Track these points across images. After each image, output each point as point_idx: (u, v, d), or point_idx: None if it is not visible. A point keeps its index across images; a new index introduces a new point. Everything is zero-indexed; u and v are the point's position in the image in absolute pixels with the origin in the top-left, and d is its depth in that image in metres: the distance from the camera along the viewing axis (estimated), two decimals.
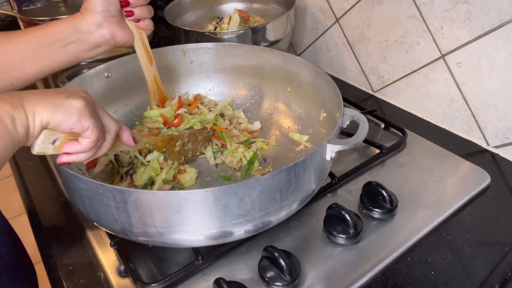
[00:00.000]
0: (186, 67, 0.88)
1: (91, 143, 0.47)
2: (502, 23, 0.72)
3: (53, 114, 0.42)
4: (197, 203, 0.48)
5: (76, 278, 0.60)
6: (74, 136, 0.46)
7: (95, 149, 0.49)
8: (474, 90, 0.81)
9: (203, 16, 1.22)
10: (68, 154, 0.47)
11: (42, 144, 0.44)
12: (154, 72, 0.76)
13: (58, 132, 0.45)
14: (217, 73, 0.89)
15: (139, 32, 0.69)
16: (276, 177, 0.49)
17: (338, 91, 0.65)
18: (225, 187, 0.47)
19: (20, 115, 0.40)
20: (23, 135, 0.41)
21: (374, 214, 0.65)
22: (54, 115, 0.42)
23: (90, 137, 0.46)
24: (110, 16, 0.62)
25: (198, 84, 0.90)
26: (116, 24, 0.64)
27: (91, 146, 0.47)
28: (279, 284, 0.54)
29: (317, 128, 0.76)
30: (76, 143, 0.47)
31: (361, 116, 0.61)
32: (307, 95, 0.79)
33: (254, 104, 0.88)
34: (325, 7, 1.07)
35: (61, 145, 0.46)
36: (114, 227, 0.53)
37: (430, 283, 0.56)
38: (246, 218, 0.51)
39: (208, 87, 0.90)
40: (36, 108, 0.41)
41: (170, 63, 0.86)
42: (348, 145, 0.55)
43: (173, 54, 0.85)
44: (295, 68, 0.80)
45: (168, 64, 0.86)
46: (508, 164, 0.77)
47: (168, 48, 0.84)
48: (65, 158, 0.48)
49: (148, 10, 0.67)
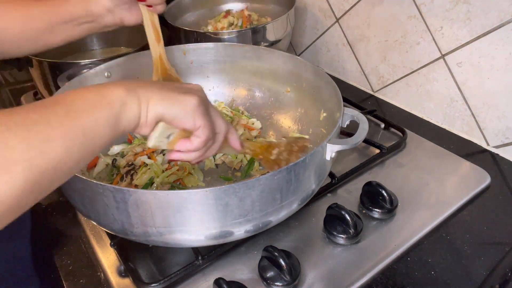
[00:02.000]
0: (186, 67, 0.87)
1: (202, 143, 0.47)
2: (502, 23, 0.72)
3: (168, 108, 0.43)
4: (197, 203, 0.48)
5: (76, 278, 0.60)
6: (186, 134, 0.47)
7: (205, 149, 0.49)
8: (474, 90, 0.81)
9: (203, 16, 1.22)
10: (178, 152, 0.48)
11: (159, 137, 0.45)
12: (160, 50, 0.74)
13: (174, 128, 0.45)
14: (217, 73, 0.89)
15: (150, 14, 0.69)
16: (276, 177, 0.49)
17: (338, 91, 0.65)
18: (225, 187, 0.47)
19: (132, 100, 0.40)
20: (132, 121, 0.41)
21: (374, 214, 0.65)
22: (169, 109, 0.43)
23: (201, 137, 0.46)
24: (121, 4, 0.64)
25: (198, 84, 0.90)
26: (126, 9, 0.65)
27: (201, 145, 0.47)
28: (279, 284, 0.54)
29: (317, 128, 0.76)
30: (188, 141, 0.47)
31: (361, 116, 0.61)
32: (307, 95, 0.79)
33: (254, 104, 0.88)
34: (325, 7, 1.07)
35: (174, 141, 0.47)
36: (114, 227, 0.53)
37: (430, 283, 0.56)
38: (246, 218, 0.51)
39: (208, 87, 0.90)
40: (151, 99, 0.42)
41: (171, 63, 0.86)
42: (348, 145, 0.55)
43: (173, 54, 0.85)
44: (295, 68, 0.80)
45: None
46: (508, 164, 0.77)
47: (168, 48, 0.84)
48: (176, 155, 0.48)
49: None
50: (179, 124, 0.44)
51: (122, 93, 0.40)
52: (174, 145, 0.47)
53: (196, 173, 0.73)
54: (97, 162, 0.72)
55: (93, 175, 0.71)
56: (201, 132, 0.46)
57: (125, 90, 0.40)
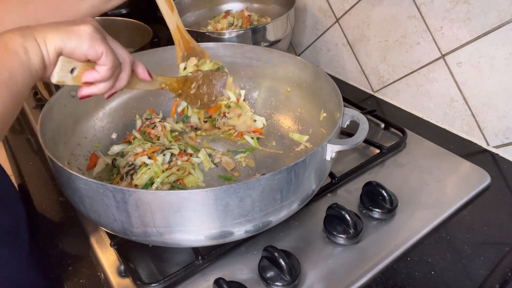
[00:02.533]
0: None
1: (109, 70, 0.46)
2: (502, 23, 0.72)
3: (64, 40, 0.42)
4: (197, 203, 0.48)
5: (76, 278, 0.60)
6: (90, 66, 0.46)
7: (113, 78, 0.48)
8: (474, 90, 0.81)
9: (203, 16, 1.23)
10: (88, 85, 0.47)
11: (61, 72, 0.43)
12: (176, 20, 0.73)
13: (75, 61, 0.44)
14: None
15: None
16: (276, 177, 0.49)
17: (338, 91, 0.65)
18: (226, 187, 0.47)
19: (31, 44, 0.40)
20: (39, 65, 0.41)
21: (374, 214, 0.65)
22: (66, 41, 0.42)
23: (106, 63, 0.46)
24: None
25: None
26: None
27: (109, 74, 0.47)
28: (279, 284, 0.54)
29: (317, 128, 0.76)
30: (94, 71, 0.46)
31: (361, 116, 0.61)
32: (307, 95, 0.79)
33: (254, 104, 0.88)
34: (325, 7, 1.07)
35: (80, 75, 0.45)
36: (114, 227, 0.53)
37: (430, 283, 0.56)
38: (246, 218, 0.51)
39: None
40: (46, 35, 0.41)
41: (170, 63, 0.85)
42: (348, 145, 0.55)
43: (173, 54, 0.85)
44: (295, 68, 0.80)
45: (168, 64, 0.85)
46: (508, 164, 0.77)
47: (166, 48, 0.84)
48: (86, 90, 0.47)
49: None
50: (80, 54, 0.43)
51: (20, 39, 0.40)
52: (80, 79, 0.46)
53: (196, 173, 0.73)
54: (97, 162, 0.72)
55: (93, 175, 0.71)
56: (104, 59, 0.45)
57: (21, 36, 0.40)
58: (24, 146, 0.89)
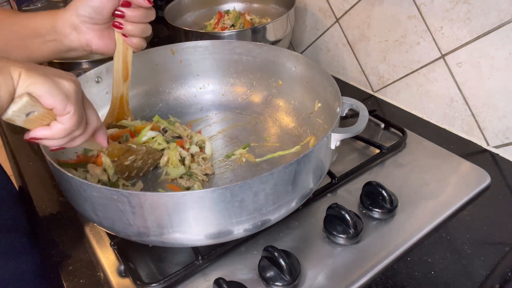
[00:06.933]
0: (175, 67, 0.87)
1: (63, 132, 0.43)
2: (502, 23, 0.72)
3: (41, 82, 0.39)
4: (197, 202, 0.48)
5: (76, 278, 0.60)
6: (49, 117, 0.42)
7: (67, 138, 0.45)
8: (474, 90, 0.81)
9: (203, 16, 1.23)
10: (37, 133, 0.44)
11: (18, 111, 0.39)
12: (123, 90, 0.69)
13: (39, 106, 0.40)
14: (207, 71, 0.88)
15: (124, 47, 0.63)
16: (288, 169, 0.50)
17: (333, 81, 0.66)
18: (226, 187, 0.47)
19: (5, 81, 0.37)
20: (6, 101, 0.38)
21: (374, 214, 0.65)
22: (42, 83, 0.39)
23: (66, 124, 0.43)
24: (90, 23, 0.58)
25: (188, 83, 0.89)
26: (96, 32, 0.59)
27: (62, 135, 0.44)
28: (279, 284, 0.54)
29: (313, 118, 0.76)
30: (47, 128, 0.43)
31: (360, 104, 0.62)
32: (300, 86, 0.80)
33: (246, 99, 0.88)
34: (325, 7, 1.07)
35: (34, 120, 0.41)
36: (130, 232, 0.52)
37: (430, 283, 0.56)
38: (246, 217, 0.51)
39: (199, 86, 0.89)
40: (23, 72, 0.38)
41: (159, 63, 0.85)
42: (352, 132, 0.56)
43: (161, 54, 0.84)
44: (286, 60, 0.80)
45: (157, 64, 0.85)
46: (508, 164, 0.77)
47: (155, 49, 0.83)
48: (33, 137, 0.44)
49: (142, 30, 0.61)
50: (48, 102, 0.40)
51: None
52: (31, 126, 0.42)
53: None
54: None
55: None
56: (67, 119, 0.42)
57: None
58: (24, 146, 0.89)
